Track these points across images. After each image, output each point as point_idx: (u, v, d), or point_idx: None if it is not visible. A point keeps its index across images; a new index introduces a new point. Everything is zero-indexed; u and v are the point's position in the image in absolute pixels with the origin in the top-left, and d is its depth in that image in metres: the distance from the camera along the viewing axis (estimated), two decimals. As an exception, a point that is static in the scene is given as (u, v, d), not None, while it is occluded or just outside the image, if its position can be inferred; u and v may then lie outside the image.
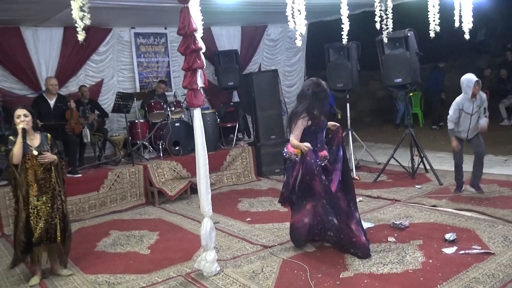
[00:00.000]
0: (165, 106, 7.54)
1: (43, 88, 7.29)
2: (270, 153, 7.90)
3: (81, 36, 3.66)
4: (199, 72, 3.96)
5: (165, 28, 8.78)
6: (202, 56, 3.97)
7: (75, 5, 3.48)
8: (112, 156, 7.44)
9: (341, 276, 3.77)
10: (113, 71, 8.28)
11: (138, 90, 8.36)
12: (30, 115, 4.09)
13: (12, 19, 6.87)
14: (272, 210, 5.90)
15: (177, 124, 7.43)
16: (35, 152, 4.06)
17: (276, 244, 4.62)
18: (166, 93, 8.37)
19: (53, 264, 4.28)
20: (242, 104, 8.75)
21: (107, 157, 7.40)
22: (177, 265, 4.28)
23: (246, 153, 7.78)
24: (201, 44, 3.93)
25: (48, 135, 4.25)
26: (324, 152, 4.29)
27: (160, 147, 7.31)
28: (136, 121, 7.45)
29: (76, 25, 3.63)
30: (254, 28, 9.66)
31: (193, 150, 7.40)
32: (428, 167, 6.77)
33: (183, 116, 7.82)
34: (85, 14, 3.58)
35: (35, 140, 4.14)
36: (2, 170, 6.29)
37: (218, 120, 7.93)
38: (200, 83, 3.97)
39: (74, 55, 7.70)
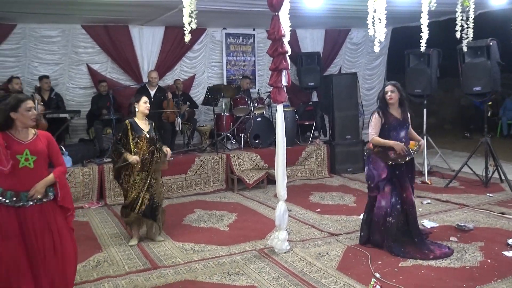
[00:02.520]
0: (249, 101, 8.17)
1: (144, 80, 8.27)
2: (344, 152, 8.26)
3: (187, 38, 4.38)
4: (284, 73, 4.48)
5: (253, 30, 9.42)
6: (288, 59, 4.49)
7: (186, 12, 4.17)
8: (199, 144, 8.21)
9: (400, 265, 4.11)
10: (204, 67, 9.09)
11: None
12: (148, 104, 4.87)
13: (123, 19, 7.87)
14: (341, 204, 6.30)
15: (258, 119, 8.04)
16: (147, 135, 4.81)
17: (342, 233, 5.03)
18: (250, 90, 9.00)
19: (149, 230, 5.04)
20: (321, 104, 9.14)
21: (194, 145, 8.19)
22: (252, 242, 4.86)
23: (321, 150, 8.21)
24: (287, 48, 4.46)
25: (153, 122, 5.00)
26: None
27: (242, 139, 7.96)
28: (222, 114, 8.15)
29: (184, 28, 4.33)
30: (337, 32, 10.00)
31: (271, 144, 8.12)
32: (503, 177, 6.75)
33: (264, 112, 8.39)
34: (193, 19, 4.27)
35: (146, 125, 4.90)
36: (108, 149, 7.31)
37: (297, 117, 8.42)
38: (284, 82, 4.50)
39: (172, 51, 8.58)
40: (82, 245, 4.85)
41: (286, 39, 4.49)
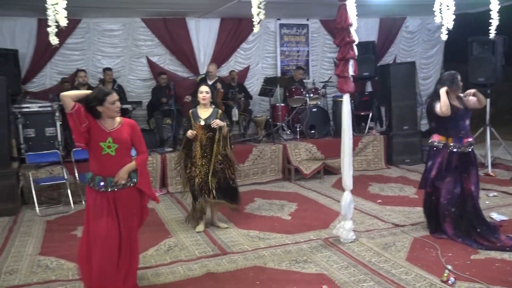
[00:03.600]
0: (304, 92, 8.17)
1: (201, 71, 8.45)
2: (402, 143, 8.12)
3: (256, 29, 4.45)
4: (351, 62, 4.46)
5: (307, 20, 9.38)
6: (355, 48, 4.46)
7: (254, 3, 4.22)
8: (254, 135, 8.29)
9: (471, 258, 4.03)
10: (258, 58, 9.16)
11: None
12: (210, 92, 4.96)
13: (181, 12, 8.04)
14: (402, 195, 6.22)
15: (314, 110, 8.03)
16: (202, 123, 4.91)
17: (407, 224, 4.98)
18: (304, 81, 8.97)
19: (213, 216, 5.17)
20: (377, 94, 9.00)
21: (250, 135, 8.28)
22: (316, 231, 4.89)
23: (378, 141, 8.09)
24: (355, 37, 4.43)
25: (219, 111, 5.08)
26: (469, 139, 4.48)
27: (297, 129, 7.98)
28: (277, 104, 8.19)
29: (253, 19, 4.40)
30: (392, 20, 9.78)
31: (327, 134, 8.09)
32: None
33: (319, 102, 8.36)
34: (261, 10, 4.32)
35: (207, 113, 4.99)
36: (167, 139, 7.53)
37: (353, 108, 8.32)
38: (351, 71, 4.48)
39: (227, 43, 8.70)
40: (152, 230, 5.08)
41: (353, 28, 4.47)
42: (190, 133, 4.88)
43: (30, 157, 6.23)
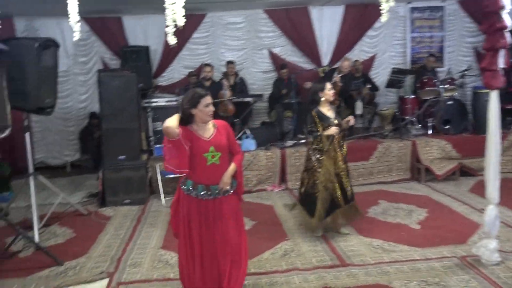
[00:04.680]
0: (437, 82, 7.34)
1: (323, 62, 8.09)
2: (560, 141, 6.88)
3: (384, 18, 4.01)
4: (502, 52, 3.75)
5: (443, 1, 8.42)
6: (508, 35, 3.74)
7: (386, -12, 3.75)
8: (379, 129, 7.70)
9: None
10: (385, 46, 8.49)
11: (408, 66, 8.37)
12: (333, 89, 4.63)
13: (304, 0, 7.75)
14: (562, 207, 5.23)
15: (449, 102, 7.18)
16: (336, 121, 4.56)
17: None
18: (437, 69, 8.09)
19: (335, 222, 4.81)
20: (526, 84, 7.75)
21: (374, 130, 7.71)
22: (451, 246, 4.28)
23: (528, 138, 6.97)
24: (507, 21, 3.71)
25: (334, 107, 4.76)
26: None
27: (429, 124, 7.21)
28: (406, 96, 7.49)
29: (380, 7, 3.96)
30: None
31: (465, 130, 7.20)
32: None
33: (456, 94, 7.45)
34: (391, -6, 3.83)
35: (330, 111, 4.63)
36: (288, 132, 7.36)
37: (497, 100, 7.27)
38: (501, 63, 3.77)
39: (352, 31, 8.21)
40: (269, 230, 4.97)
41: (505, 12, 3.74)
42: (334, 130, 4.44)
43: (157, 150, 6.55)
